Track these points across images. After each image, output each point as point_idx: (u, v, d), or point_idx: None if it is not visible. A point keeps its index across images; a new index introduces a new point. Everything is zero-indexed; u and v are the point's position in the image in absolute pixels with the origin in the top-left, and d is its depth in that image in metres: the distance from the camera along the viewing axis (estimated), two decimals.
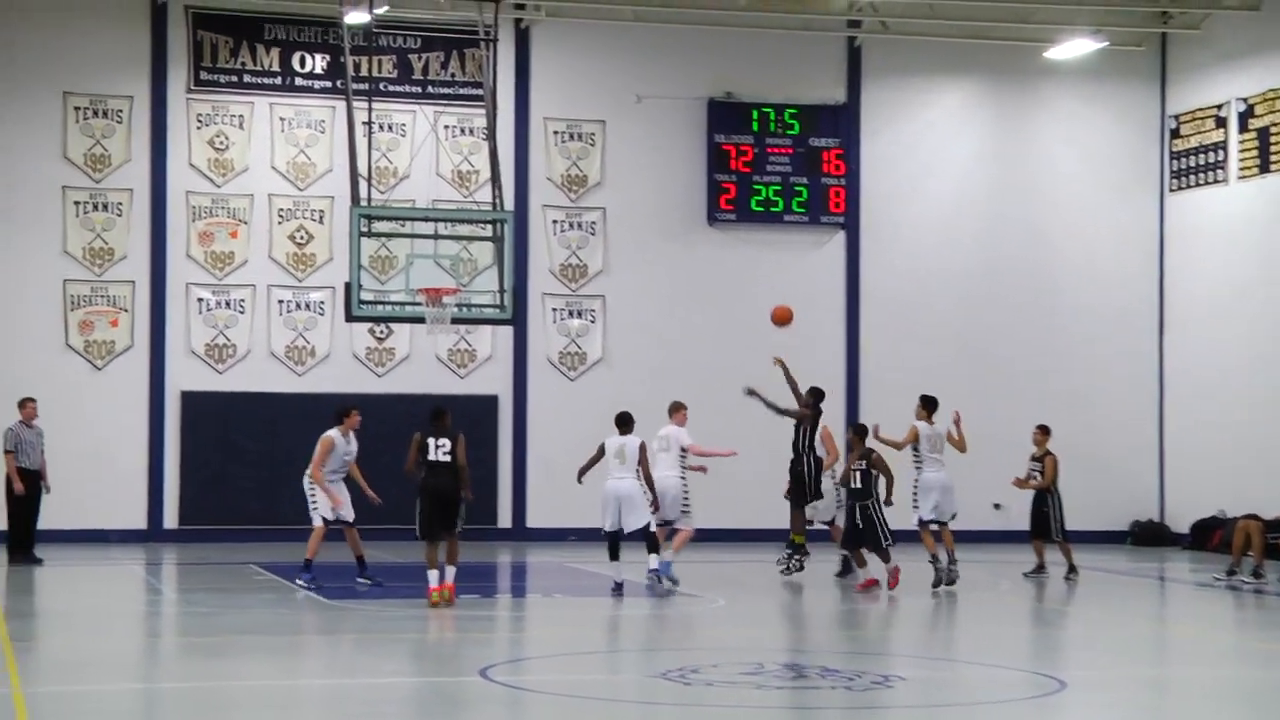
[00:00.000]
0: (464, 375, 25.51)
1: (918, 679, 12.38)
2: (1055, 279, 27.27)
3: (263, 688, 12.02)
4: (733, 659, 13.70)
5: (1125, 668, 13.44)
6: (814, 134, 26.49)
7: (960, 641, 14.72)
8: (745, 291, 26.37)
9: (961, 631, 15.51)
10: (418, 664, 13.27)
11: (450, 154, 25.26)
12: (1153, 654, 14.81)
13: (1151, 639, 15.84)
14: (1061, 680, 12.17)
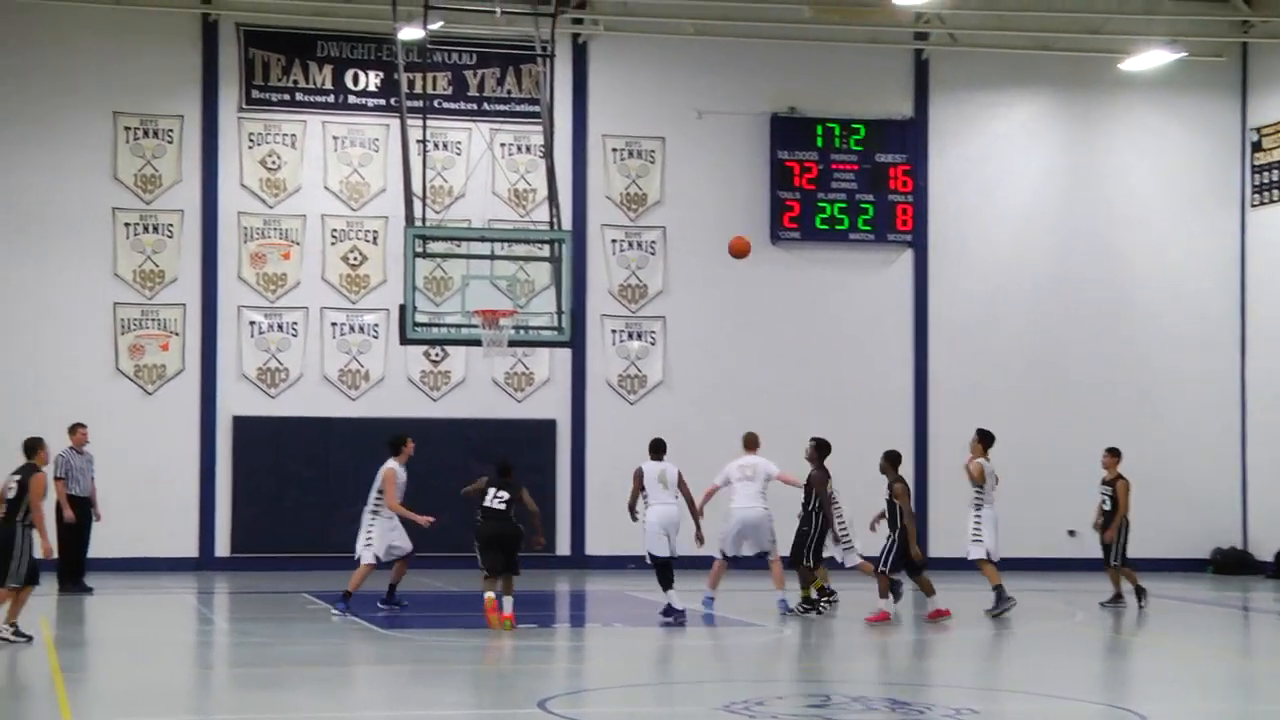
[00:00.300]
0: (521, 399, 25.58)
1: (991, 712, 12.29)
2: (1131, 298, 27.09)
3: None
4: (799, 690, 13.66)
5: (1207, 702, 13.29)
6: (880, 149, 26.45)
7: (1034, 673, 14.61)
8: (809, 312, 26.35)
9: (1035, 663, 15.39)
10: (474, 695, 13.30)
11: (507, 172, 25.37)
12: (1235, 688, 14.64)
13: (1234, 672, 15.66)
14: (1141, 715, 12.05)
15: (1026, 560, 26.08)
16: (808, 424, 22.64)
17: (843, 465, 19.55)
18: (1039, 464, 26.53)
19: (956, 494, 26.09)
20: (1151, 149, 27.30)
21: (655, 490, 18.09)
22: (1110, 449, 20.78)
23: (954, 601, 18.50)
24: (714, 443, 25.71)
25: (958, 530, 20.36)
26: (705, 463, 25.69)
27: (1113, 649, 16.90)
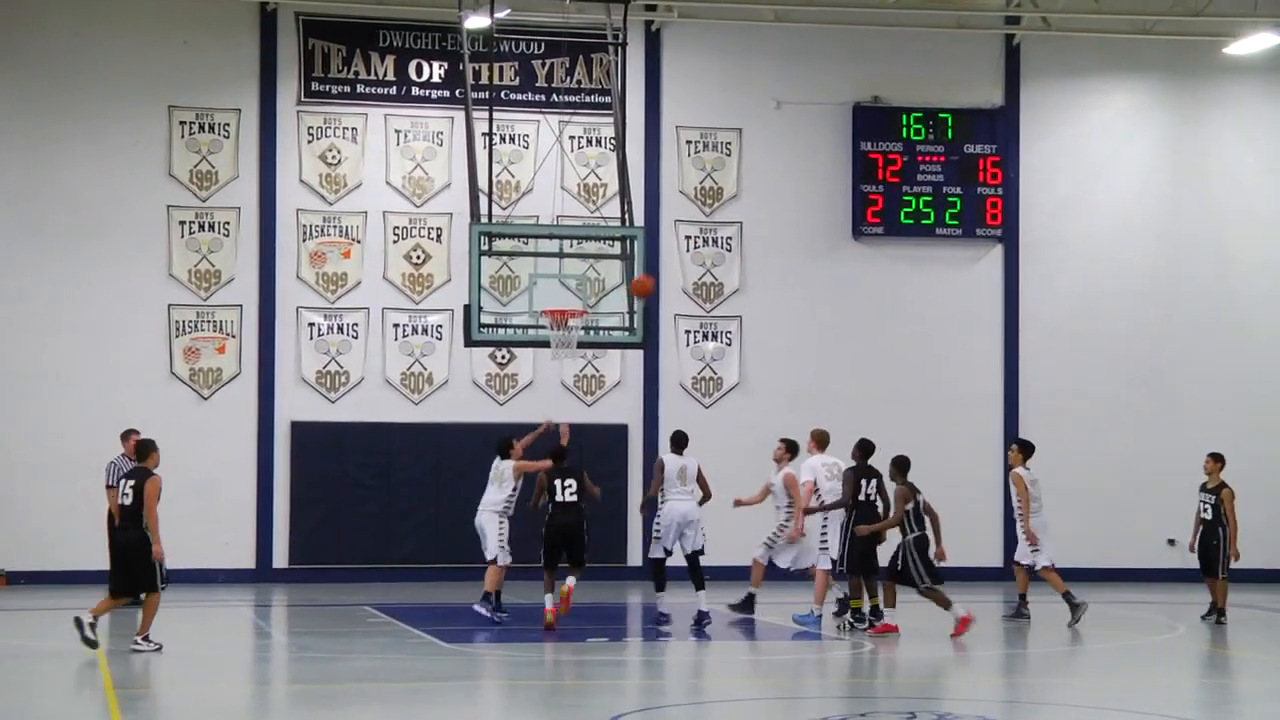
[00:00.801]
0: (591, 403, 25.64)
1: None
2: (1238, 298, 26.82)
3: None
4: (882, 707, 13.62)
5: None
6: (969, 140, 26.32)
7: (1131, 690, 14.48)
8: (894, 311, 26.26)
9: (1133, 679, 15.26)
10: (544, 713, 13.35)
11: (576, 166, 25.44)
12: None
13: None
14: None
15: (1125, 570, 25.90)
16: (890, 430, 22.57)
17: (926, 474, 19.42)
18: (1138, 472, 26.33)
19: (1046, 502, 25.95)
20: (1260, 138, 27.01)
21: (674, 484, 18.83)
22: (1213, 454, 20.52)
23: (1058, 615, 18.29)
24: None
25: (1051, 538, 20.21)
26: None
27: (1215, 664, 16.74)
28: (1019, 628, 18.95)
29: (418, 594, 22.71)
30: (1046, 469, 26.04)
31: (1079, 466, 26.20)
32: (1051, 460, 26.10)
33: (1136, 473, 26.34)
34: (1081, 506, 26.09)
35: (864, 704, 13.77)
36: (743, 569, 20.19)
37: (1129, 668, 16.30)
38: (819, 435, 19.57)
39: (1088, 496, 26.18)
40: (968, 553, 25.70)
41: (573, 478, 18.53)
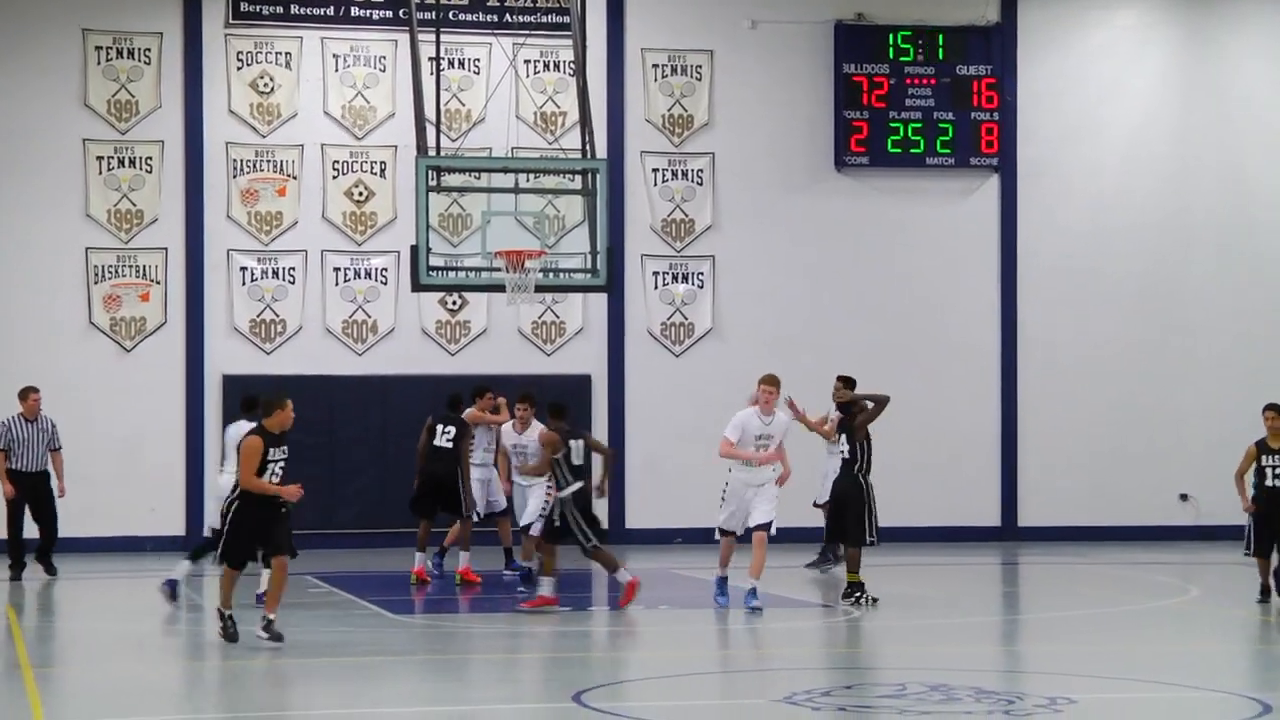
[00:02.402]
0: (551, 352, 25.65)
1: (1090, 702, 12.30)
2: (1257, 229, 26.91)
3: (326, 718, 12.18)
4: (870, 679, 13.70)
5: None
6: (961, 61, 26.31)
7: (1140, 657, 14.60)
8: (880, 248, 26.30)
9: (1142, 645, 15.39)
10: (503, 688, 13.39)
11: (532, 93, 25.36)
12: None
13: None
14: (1265, 703, 12.04)
15: (1134, 529, 26.07)
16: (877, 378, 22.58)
17: (918, 423, 19.50)
18: (1148, 422, 26.47)
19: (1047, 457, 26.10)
20: (1278, 55, 27.05)
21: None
22: (1274, 405, 18.46)
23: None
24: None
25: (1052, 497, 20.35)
26: None
27: (1232, 629, 16.87)
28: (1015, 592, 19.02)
29: (363, 561, 22.75)
30: (1047, 418, 26.27)
31: (1083, 417, 26.33)
32: (1054, 409, 26.29)
33: (1146, 423, 26.47)
34: (1086, 460, 26.24)
35: (851, 675, 13.84)
36: None
37: (1133, 633, 16.42)
38: None
39: (1093, 449, 26.31)
40: (962, 511, 25.88)
41: (452, 424, 19.38)
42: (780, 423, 17.28)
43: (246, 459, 14.78)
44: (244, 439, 15.02)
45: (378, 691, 12.98)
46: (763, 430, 17.19)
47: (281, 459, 14.97)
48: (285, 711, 12.25)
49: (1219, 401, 26.41)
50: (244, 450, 14.85)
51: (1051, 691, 12.43)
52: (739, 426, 17.21)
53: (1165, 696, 12.75)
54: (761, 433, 17.18)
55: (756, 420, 17.22)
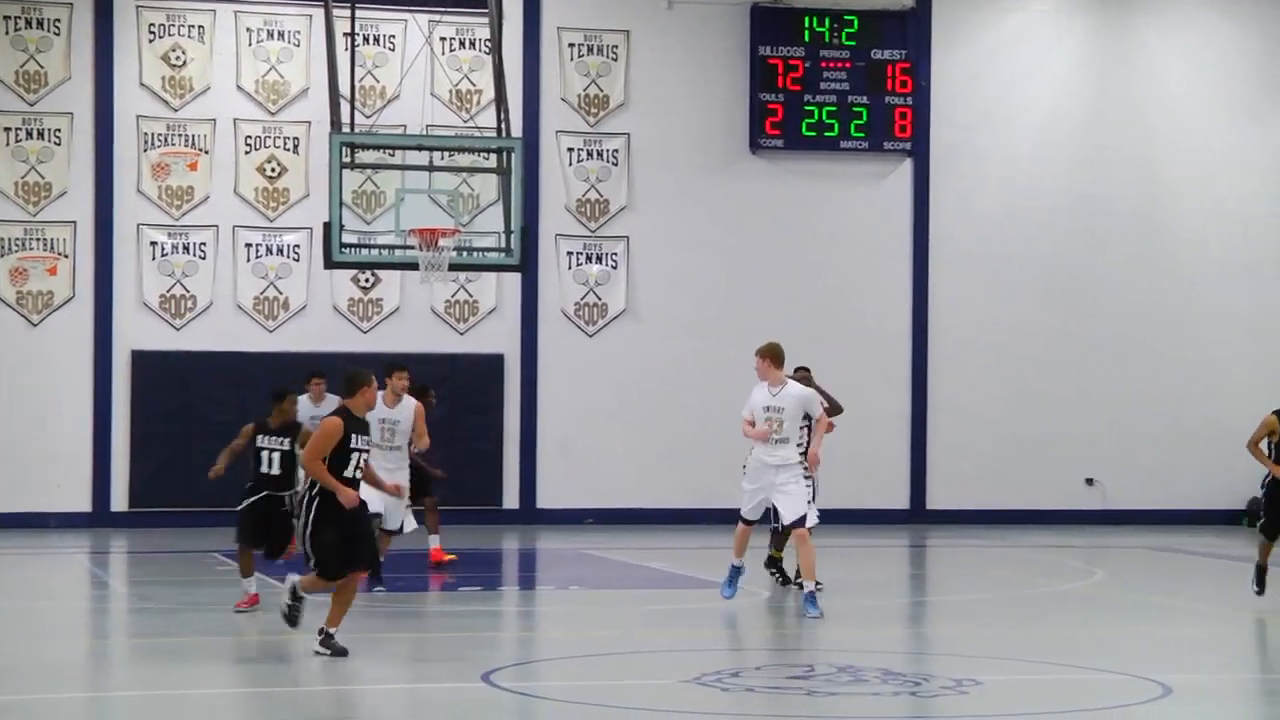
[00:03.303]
0: (464, 331, 25.60)
1: (996, 684, 12.43)
2: (1166, 219, 27.19)
3: (231, 697, 12.14)
4: (779, 660, 13.78)
5: (1240, 671, 13.46)
6: (876, 45, 26.43)
7: (1045, 640, 14.76)
8: (794, 231, 26.40)
9: (1047, 629, 15.55)
10: (411, 668, 13.37)
11: (447, 71, 25.27)
12: (1273, 654, 14.82)
13: (1271, 636, 15.84)
14: (1164, 685, 12.20)
15: (1041, 513, 26.32)
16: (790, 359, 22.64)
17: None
18: (1056, 408, 26.71)
19: (957, 440, 26.32)
20: (1191, 45, 27.33)
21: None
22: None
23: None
24: (683, 380, 25.86)
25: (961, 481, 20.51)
26: (673, 401, 25.82)
27: (1135, 611, 17.07)
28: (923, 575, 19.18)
29: None
30: (957, 402, 26.48)
31: (992, 401, 26.56)
32: (964, 394, 26.50)
33: (1054, 407, 26.71)
34: (995, 444, 26.46)
35: (761, 657, 13.92)
36: None
37: (1039, 616, 16.58)
38: None
39: (1002, 433, 26.54)
40: (872, 494, 26.05)
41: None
42: (793, 395, 15.82)
43: (317, 440, 12.84)
44: (325, 418, 13.21)
45: (284, 671, 12.94)
46: (770, 402, 15.82)
47: (365, 449, 13.04)
48: (188, 690, 12.19)
49: (1127, 387, 26.72)
50: (319, 430, 12.97)
51: (958, 673, 12.54)
52: (750, 402, 16.03)
53: (1069, 679, 12.89)
54: (769, 404, 15.81)
55: (764, 392, 15.91)
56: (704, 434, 25.21)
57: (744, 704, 11.67)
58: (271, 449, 15.65)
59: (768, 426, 15.76)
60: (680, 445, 25.47)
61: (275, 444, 15.66)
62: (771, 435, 15.74)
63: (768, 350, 16.15)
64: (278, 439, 15.69)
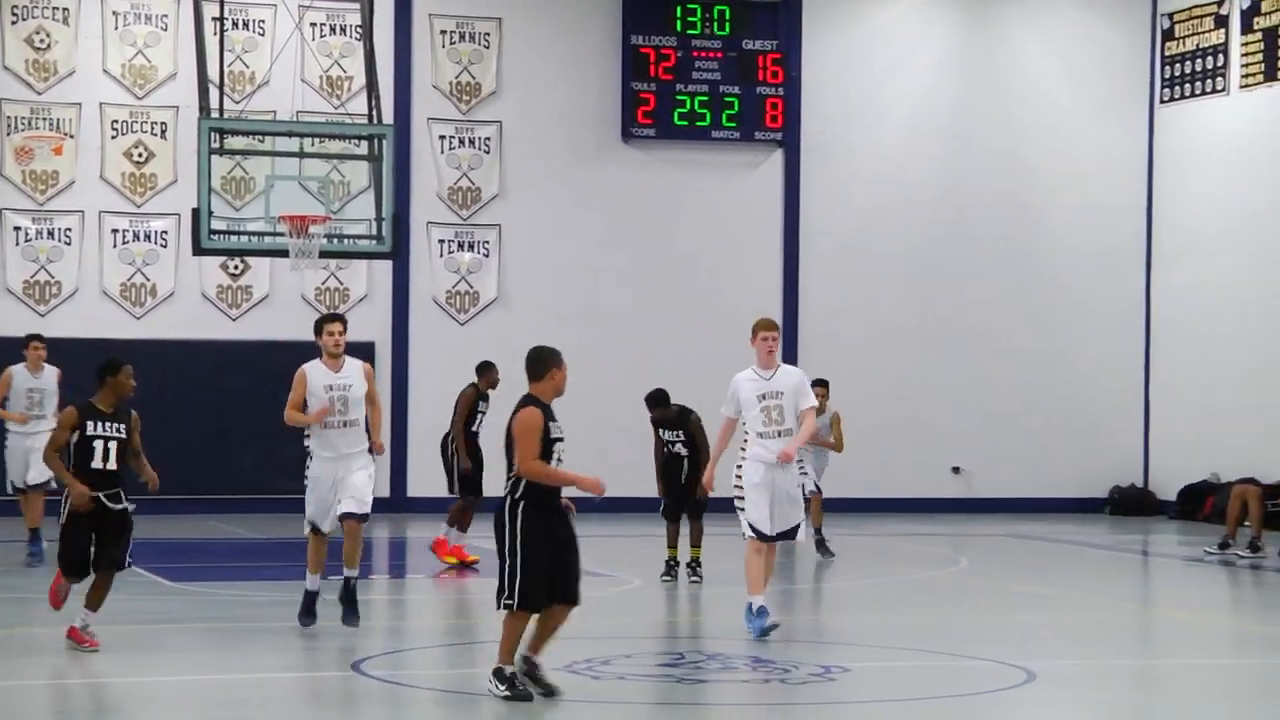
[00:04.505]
0: None
1: (863, 670, 12.53)
2: (1030, 210, 27.53)
3: (91, 688, 11.99)
4: (649, 648, 13.81)
5: (1104, 657, 13.67)
6: (748, 35, 26.53)
7: (913, 628, 14.90)
8: (666, 220, 26.44)
9: (914, 616, 15.70)
10: (280, 657, 13.26)
11: (318, 57, 25.07)
12: (1135, 640, 15.07)
13: (1134, 623, 16.11)
14: (1030, 671, 12.36)
15: (908, 501, 26.57)
16: (662, 350, 22.80)
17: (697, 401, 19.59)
18: (923, 397, 26.97)
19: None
20: (1056, 39, 27.69)
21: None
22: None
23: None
24: None
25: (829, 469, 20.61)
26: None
27: (1000, 599, 17.28)
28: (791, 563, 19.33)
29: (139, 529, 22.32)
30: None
31: (860, 390, 26.72)
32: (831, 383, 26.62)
33: (921, 397, 26.98)
34: (862, 432, 26.62)
35: (631, 645, 13.95)
36: None
37: (906, 603, 16.74)
38: None
39: (869, 422, 26.70)
40: None
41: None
42: (790, 379, 13.89)
43: (525, 438, 10.92)
44: (517, 412, 11.10)
45: (153, 660, 12.80)
46: (766, 388, 13.77)
47: (562, 437, 11.33)
48: (58, 680, 12.02)
49: (993, 377, 27.04)
50: (520, 428, 10.96)
51: (826, 660, 12.63)
52: (732, 396, 13.90)
53: (935, 665, 13.02)
54: (765, 391, 13.76)
55: (754, 379, 13.86)
56: (575, 423, 25.09)
57: (615, 691, 11.69)
58: (107, 438, 12.70)
59: (765, 417, 13.63)
60: None
61: (110, 431, 12.71)
62: (773, 426, 13.66)
63: (774, 324, 14.28)
64: (112, 425, 12.72)
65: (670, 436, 17.69)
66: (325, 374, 13.76)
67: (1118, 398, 27.68)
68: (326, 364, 13.85)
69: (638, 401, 17.98)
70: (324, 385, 13.67)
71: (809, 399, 13.95)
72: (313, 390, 13.70)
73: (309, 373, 13.83)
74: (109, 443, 12.76)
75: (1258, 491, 21.20)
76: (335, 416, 13.60)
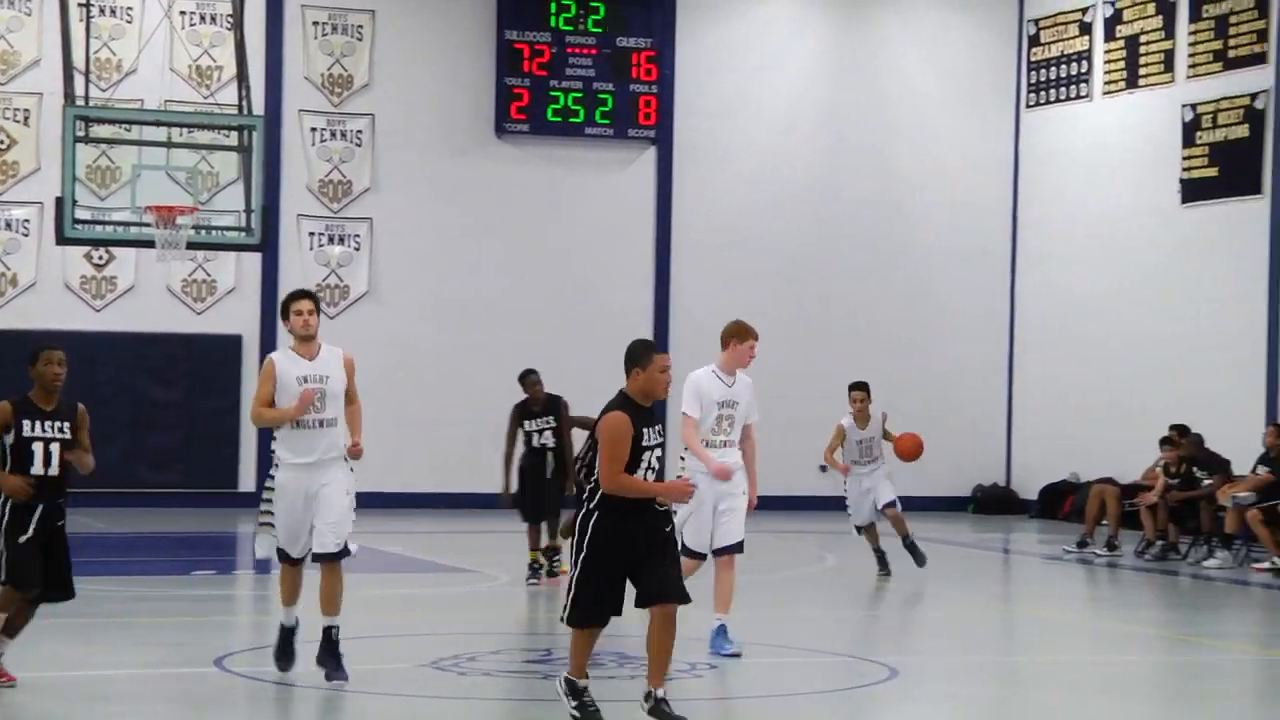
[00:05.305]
0: (201, 310, 25.19)
1: (726, 666, 12.60)
2: (901, 209, 27.79)
3: None
4: (517, 644, 13.82)
5: (964, 653, 13.83)
6: (622, 33, 26.57)
7: (778, 624, 15.01)
8: (539, 215, 26.43)
9: (779, 613, 15.81)
10: (141, 652, 13.12)
11: (187, 46, 24.81)
12: (995, 637, 15.26)
13: (994, 620, 16.31)
14: (892, 667, 12.49)
15: (776, 498, 26.65)
16: (534, 345, 22.77)
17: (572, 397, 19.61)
18: (793, 393, 27.09)
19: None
20: (928, 42, 27.97)
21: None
22: None
23: None
24: (424, 363, 25.76)
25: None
26: (414, 384, 25.68)
27: (864, 596, 17.44)
28: None
29: None
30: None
31: None
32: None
33: (791, 394, 27.10)
34: None
35: (499, 641, 13.94)
36: None
37: (772, 600, 16.85)
38: None
39: None
40: None
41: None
42: (746, 391, 13.35)
43: (611, 447, 9.72)
44: (604, 414, 9.93)
45: (11, 657, 12.60)
46: (727, 395, 13.24)
47: (659, 443, 9.99)
48: None
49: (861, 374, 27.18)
50: (606, 434, 9.77)
51: (692, 657, 12.68)
52: (695, 394, 13.09)
53: (800, 661, 13.13)
54: (726, 398, 13.21)
55: (717, 383, 13.24)
56: (444, 417, 25.15)
57: (480, 688, 11.68)
58: (47, 439, 11.08)
59: (717, 425, 12.98)
60: (420, 429, 25.35)
61: (51, 431, 11.10)
62: (721, 435, 13.00)
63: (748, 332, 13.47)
64: (53, 424, 11.12)
65: (537, 425, 17.13)
66: (297, 363, 11.62)
67: (983, 398, 28.03)
68: (298, 351, 11.71)
69: (508, 398, 17.80)
70: (297, 377, 11.53)
71: (756, 412, 13.32)
72: (283, 384, 11.48)
73: (278, 363, 11.63)
74: (50, 444, 11.02)
75: (1115, 491, 21.58)
76: (310, 414, 11.46)
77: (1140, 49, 25.67)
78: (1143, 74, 25.61)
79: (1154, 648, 14.64)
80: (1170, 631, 15.52)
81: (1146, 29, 25.55)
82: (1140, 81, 25.67)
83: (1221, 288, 24.09)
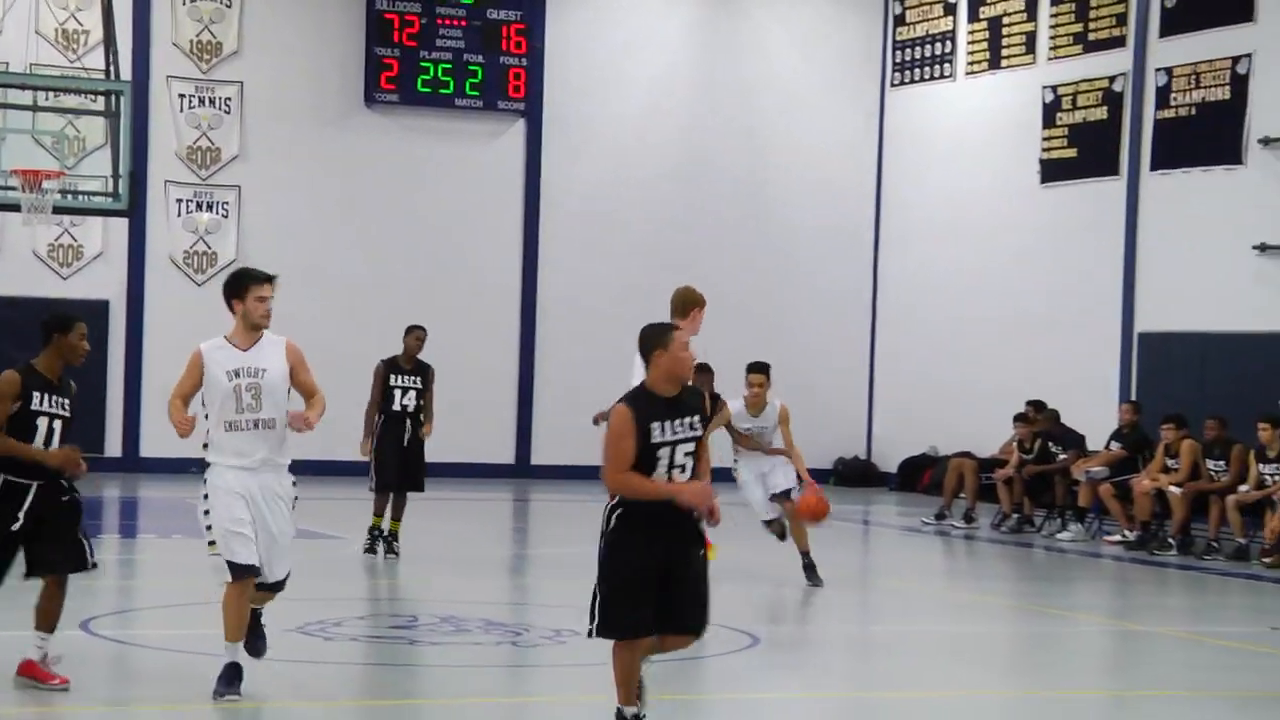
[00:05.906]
0: (67, 275, 24.91)
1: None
2: (767, 187, 28.00)
3: None
4: (383, 610, 13.87)
5: (823, 623, 14.05)
6: (492, 5, 26.55)
7: None
8: (408, 186, 26.38)
9: None
10: (5, 615, 13.00)
11: (53, 9, 24.50)
12: (853, 607, 15.50)
13: (853, 591, 16.55)
14: (754, 635, 12.66)
15: None
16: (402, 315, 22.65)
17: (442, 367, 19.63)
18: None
19: (562, 398, 26.71)
20: (795, 17, 28.17)
21: None
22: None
23: None
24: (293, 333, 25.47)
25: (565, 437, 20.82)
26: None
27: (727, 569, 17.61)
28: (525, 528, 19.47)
29: None
30: (564, 360, 26.86)
31: (598, 360, 26.92)
32: (570, 352, 26.88)
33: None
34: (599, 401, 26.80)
35: (365, 606, 13.98)
36: None
37: None
38: None
39: (606, 391, 26.92)
40: (479, 449, 26.28)
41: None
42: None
43: (609, 444, 8.66)
44: (612, 408, 8.86)
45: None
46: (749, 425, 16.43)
47: (683, 437, 8.70)
48: None
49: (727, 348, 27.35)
50: (611, 427, 8.68)
51: (557, 624, 12.79)
52: None
53: None
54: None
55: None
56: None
57: (346, 652, 11.72)
58: (52, 415, 10.04)
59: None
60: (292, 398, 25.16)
61: (57, 407, 10.07)
62: None
63: None
64: (57, 399, 10.09)
65: (403, 383, 16.63)
66: (230, 354, 10.24)
67: (844, 373, 28.35)
68: (235, 340, 10.34)
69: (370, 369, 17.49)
70: (228, 370, 10.15)
71: None
72: (212, 378, 10.09)
73: (206, 354, 10.25)
74: (54, 421, 9.98)
75: (973, 465, 21.97)
76: (242, 414, 10.08)
77: (1003, 30, 26.04)
78: (1005, 55, 25.99)
79: (1007, 618, 14.95)
80: (1023, 602, 15.85)
81: (1009, 10, 25.91)
82: (1002, 63, 26.04)
83: (1079, 267, 24.53)
